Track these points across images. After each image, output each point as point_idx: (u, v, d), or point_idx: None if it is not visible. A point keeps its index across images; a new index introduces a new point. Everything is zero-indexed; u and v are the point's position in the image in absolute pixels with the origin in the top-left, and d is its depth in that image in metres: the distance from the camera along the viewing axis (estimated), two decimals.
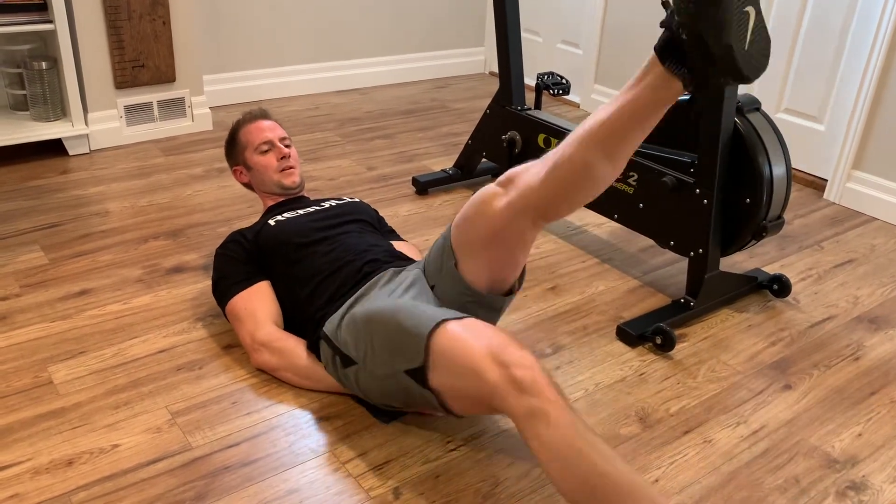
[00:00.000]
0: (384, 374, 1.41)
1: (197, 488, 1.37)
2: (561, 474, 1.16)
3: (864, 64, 2.61)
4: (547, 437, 1.16)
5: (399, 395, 1.42)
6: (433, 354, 1.30)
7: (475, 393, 1.26)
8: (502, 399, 1.20)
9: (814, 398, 1.70)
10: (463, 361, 1.25)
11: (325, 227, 1.77)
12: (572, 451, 1.15)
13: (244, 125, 1.98)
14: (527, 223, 1.37)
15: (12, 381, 1.62)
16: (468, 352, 1.25)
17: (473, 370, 1.23)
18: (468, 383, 1.26)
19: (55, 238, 2.22)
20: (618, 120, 1.26)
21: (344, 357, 1.48)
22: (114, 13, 2.71)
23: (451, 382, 1.30)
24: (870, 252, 2.41)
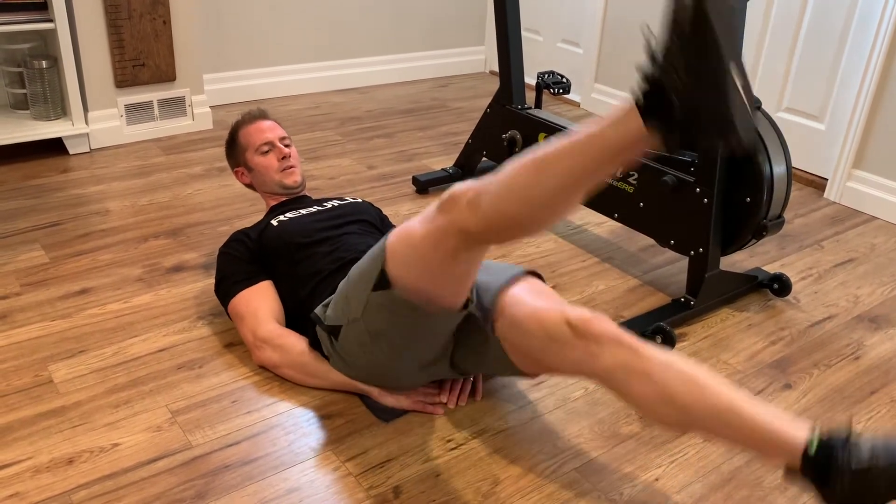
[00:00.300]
0: (359, 310, 1.40)
1: (197, 487, 1.37)
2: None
3: (865, 63, 2.61)
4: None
5: (380, 328, 1.39)
6: (389, 257, 1.32)
7: (431, 259, 1.26)
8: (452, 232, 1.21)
9: (814, 397, 1.70)
10: (413, 241, 1.26)
11: (327, 227, 1.78)
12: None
13: (244, 126, 1.98)
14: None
15: (12, 379, 1.62)
16: (414, 230, 1.27)
17: (423, 239, 1.25)
18: (422, 253, 1.26)
19: (55, 237, 2.22)
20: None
21: (332, 329, 1.49)
22: (114, 12, 2.71)
23: (409, 267, 1.30)
24: (870, 251, 2.41)
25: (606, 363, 1.29)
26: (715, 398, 1.21)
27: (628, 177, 2.08)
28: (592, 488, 1.41)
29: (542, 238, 2.37)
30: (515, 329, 1.41)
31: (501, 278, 1.50)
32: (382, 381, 1.54)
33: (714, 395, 1.21)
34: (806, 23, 2.79)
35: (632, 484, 1.43)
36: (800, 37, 2.82)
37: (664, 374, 1.25)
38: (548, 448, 1.51)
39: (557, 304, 1.40)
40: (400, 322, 1.38)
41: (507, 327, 1.42)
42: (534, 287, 1.50)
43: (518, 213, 1.16)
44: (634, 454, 1.50)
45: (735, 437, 1.21)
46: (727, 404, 1.20)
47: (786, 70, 2.89)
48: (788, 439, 1.16)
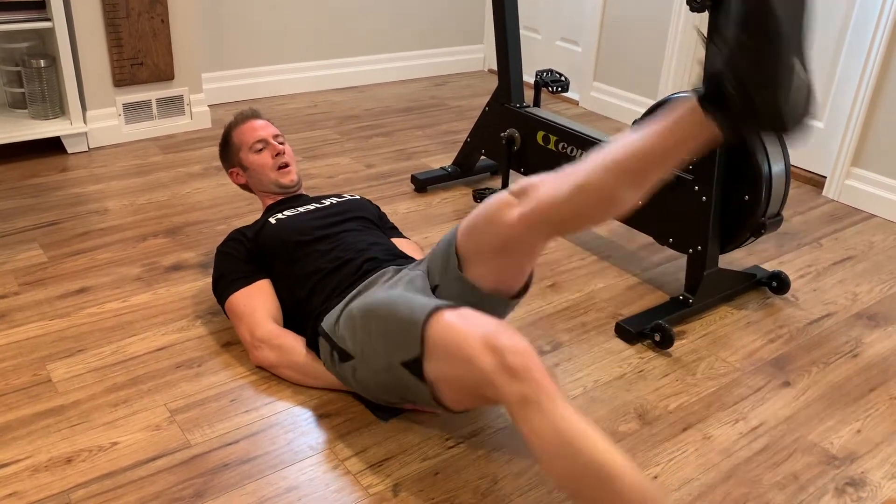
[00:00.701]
0: (381, 367, 1.41)
1: (196, 486, 1.37)
2: (552, 462, 1.16)
3: (863, 61, 2.61)
4: (538, 424, 1.16)
5: (396, 388, 1.42)
6: (429, 343, 1.30)
7: (469, 381, 1.26)
8: (495, 386, 1.20)
9: (812, 395, 1.71)
10: (458, 349, 1.25)
11: (325, 224, 1.77)
12: (563, 439, 1.14)
13: (236, 126, 1.97)
14: (540, 236, 1.37)
15: (11, 379, 1.62)
16: (463, 339, 1.25)
17: (468, 357, 1.23)
18: (463, 372, 1.26)
19: (54, 236, 2.22)
20: (647, 156, 1.26)
21: (341, 352, 1.48)
22: (112, 11, 2.71)
23: (445, 372, 1.30)
24: (868, 249, 2.41)
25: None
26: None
27: None
28: None
29: None
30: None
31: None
32: (384, 398, 1.53)
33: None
34: None
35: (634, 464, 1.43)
36: None
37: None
38: None
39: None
40: (412, 394, 1.41)
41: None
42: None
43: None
44: (633, 452, 1.50)
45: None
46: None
47: None
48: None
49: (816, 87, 1.28)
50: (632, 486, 1.13)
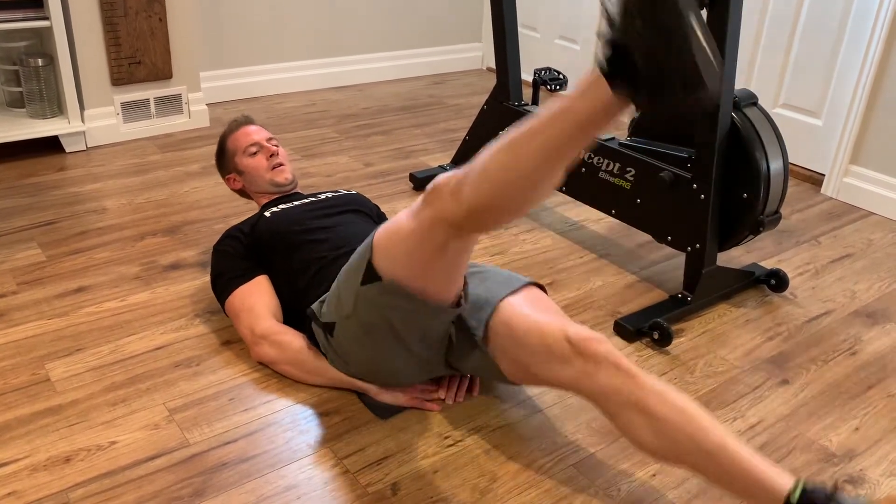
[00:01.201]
0: (350, 306, 1.40)
1: (195, 485, 1.37)
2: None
3: (862, 59, 2.61)
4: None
5: (372, 322, 1.39)
6: (375, 249, 1.33)
7: (423, 250, 1.27)
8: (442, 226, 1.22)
9: (811, 393, 1.71)
10: (399, 233, 1.29)
11: (321, 216, 1.78)
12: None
13: (230, 134, 2.00)
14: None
15: (9, 378, 1.62)
16: (402, 224, 1.29)
17: (410, 233, 1.26)
18: (410, 245, 1.28)
19: (52, 235, 2.21)
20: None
21: (327, 326, 1.49)
22: (110, 10, 2.70)
23: (397, 257, 1.31)
24: (867, 247, 2.41)
25: (601, 385, 1.29)
26: (705, 436, 1.22)
27: (625, 173, 2.08)
28: (590, 484, 1.41)
29: (539, 235, 2.37)
30: (512, 339, 1.41)
31: (503, 288, 1.50)
32: (378, 377, 1.54)
33: (705, 433, 1.22)
34: (803, 19, 2.79)
35: (629, 480, 1.43)
36: (796, 33, 2.82)
37: (657, 405, 1.25)
38: (545, 444, 1.51)
39: (558, 318, 1.40)
40: (391, 315, 1.38)
41: (504, 337, 1.42)
42: (534, 297, 1.50)
43: (499, 197, 1.16)
44: (632, 451, 1.50)
45: (719, 477, 1.22)
46: (717, 444, 1.21)
47: (782, 66, 2.89)
48: (773, 485, 1.17)
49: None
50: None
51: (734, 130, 1.86)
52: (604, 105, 1.06)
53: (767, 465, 1.19)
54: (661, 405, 1.25)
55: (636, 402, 1.26)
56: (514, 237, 2.34)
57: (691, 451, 1.23)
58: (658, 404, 1.25)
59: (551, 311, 1.46)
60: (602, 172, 2.15)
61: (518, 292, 1.50)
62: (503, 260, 2.21)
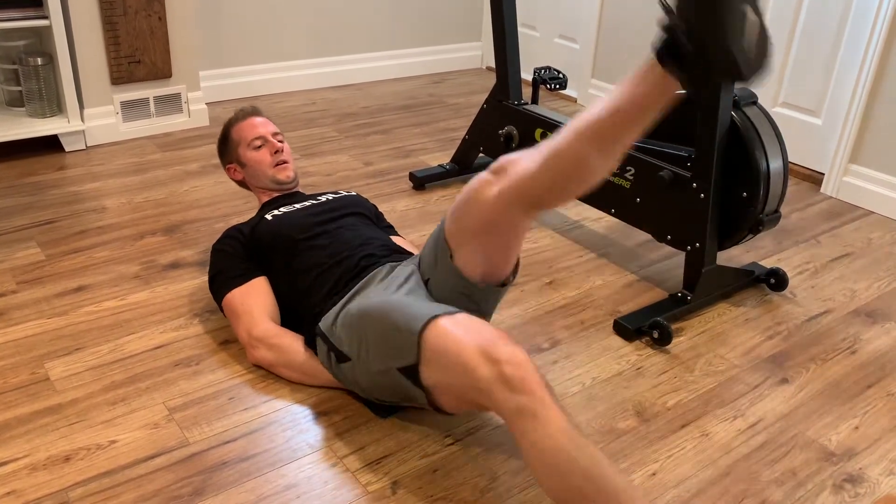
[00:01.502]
0: (378, 370, 1.41)
1: (194, 484, 1.37)
2: (546, 473, 1.16)
3: (861, 58, 2.61)
4: (534, 436, 1.16)
5: (393, 390, 1.43)
6: (425, 351, 1.31)
7: (466, 390, 1.26)
8: (492, 396, 1.20)
9: (811, 391, 1.71)
10: (454, 358, 1.26)
11: (322, 220, 1.77)
12: (559, 451, 1.15)
13: (236, 123, 1.98)
14: (519, 212, 1.36)
15: (9, 377, 1.62)
16: (459, 348, 1.25)
17: (464, 366, 1.23)
18: (459, 380, 1.26)
19: (52, 234, 2.21)
20: (615, 117, 1.25)
21: (339, 353, 1.48)
22: (109, 9, 2.70)
23: (442, 379, 1.31)
24: (866, 246, 2.41)
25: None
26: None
27: (625, 172, 2.08)
28: None
29: (538, 234, 2.37)
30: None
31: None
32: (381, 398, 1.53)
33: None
34: (802, 18, 2.79)
35: (629, 478, 1.43)
36: (796, 32, 2.82)
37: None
38: None
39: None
40: (408, 396, 1.42)
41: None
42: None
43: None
44: (632, 449, 1.50)
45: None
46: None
47: (782, 65, 2.89)
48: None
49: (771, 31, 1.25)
50: (624, 501, 1.13)
51: (734, 129, 1.86)
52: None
53: None
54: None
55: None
56: None
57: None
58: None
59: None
60: None
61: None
62: None
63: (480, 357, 1.22)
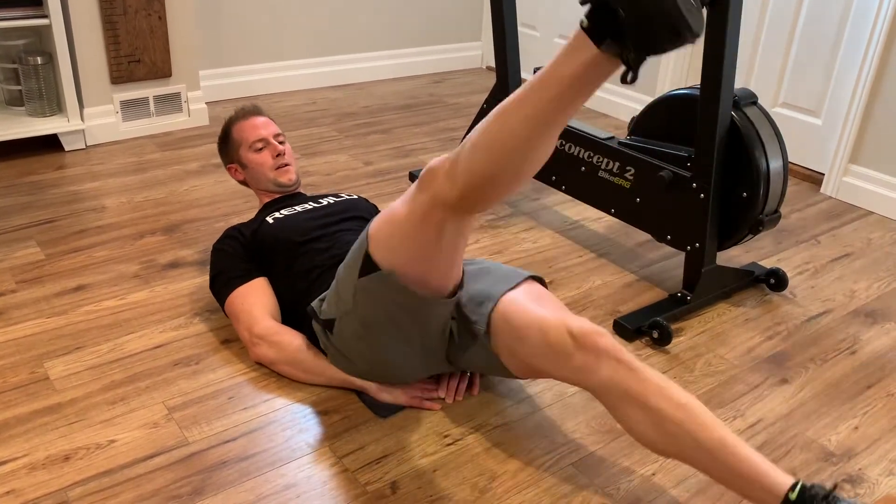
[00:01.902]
0: (350, 301, 1.40)
1: (194, 483, 1.37)
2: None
3: (861, 58, 2.61)
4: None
5: (372, 316, 1.40)
6: (371, 240, 1.33)
7: (416, 238, 1.27)
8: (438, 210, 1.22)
9: (810, 392, 1.71)
10: (396, 222, 1.28)
11: (322, 224, 1.77)
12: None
13: (237, 122, 1.97)
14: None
15: (8, 376, 1.62)
16: (398, 215, 1.28)
17: (407, 220, 1.26)
18: (407, 230, 1.27)
19: (51, 234, 2.21)
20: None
21: (327, 322, 1.49)
22: (109, 8, 2.70)
23: (393, 246, 1.30)
24: (866, 246, 2.41)
25: (602, 378, 1.30)
26: (705, 433, 1.22)
27: (625, 172, 2.08)
28: (589, 483, 1.41)
29: (538, 234, 2.37)
30: (513, 334, 1.41)
31: (503, 283, 1.50)
32: (379, 374, 1.54)
33: (705, 430, 1.22)
34: (802, 18, 2.79)
35: (629, 479, 1.43)
36: (796, 32, 2.82)
37: (658, 399, 1.25)
38: (545, 443, 1.51)
39: (559, 312, 1.40)
40: (390, 306, 1.38)
41: (505, 332, 1.42)
42: (534, 292, 1.49)
43: (492, 167, 1.15)
44: (631, 449, 1.50)
45: (719, 474, 1.22)
46: (717, 440, 1.21)
47: (782, 65, 2.89)
48: (772, 483, 1.17)
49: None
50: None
51: (734, 130, 1.86)
52: (590, 63, 1.04)
53: (767, 464, 1.19)
54: (662, 400, 1.25)
55: (636, 396, 1.26)
56: (513, 236, 2.34)
57: (691, 446, 1.23)
58: (658, 399, 1.25)
59: (552, 304, 1.46)
60: (602, 171, 2.15)
61: (519, 287, 1.50)
62: (503, 259, 2.20)
63: (428, 212, 1.24)
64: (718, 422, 1.24)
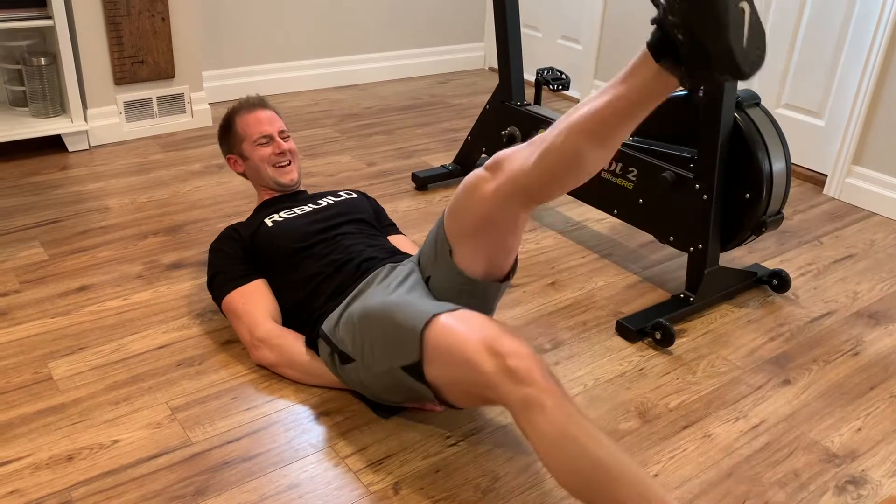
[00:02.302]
0: (381, 370, 1.41)
1: (197, 483, 1.37)
2: (557, 463, 1.17)
3: (865, 59, 2.61)
4: (542, 426, 1.17)
5: (397, 390, 1.43)
6: (427, 349, 1.31)
7: (471, 384, 1.26)
8: (497, 389, 1.21)
9: (813, 393, 1.71)
10: (458, 354, 1.26)
11: (322, 229, 1.75)
12: (568, 440, 1.15)
13: (241, 113, 1.93)
14: (516, 207, 1.36)
15: (12, 377, 1.62)
16: (462, 343, 1.26)
17: (468, 361, 1.24)
18: (464, 375, 1.26)
19: (55, 234, 2.22)
20: (610, 112, 1.24)
21: (342, 354, 1.48)
22: (113, 9, 2.70)
23: (446, 375, 1.31)
24: (869, 247, 2.41)
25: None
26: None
27: (628, 173, 2.08)
28: None
29: (540, 234, 2.37)
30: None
31: None
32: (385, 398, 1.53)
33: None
34: (805, 19, 2.79)
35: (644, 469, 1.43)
36: (799, 33, 2.82)
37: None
38: None
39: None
40: (414, 394, 1.42)
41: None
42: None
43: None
44: (633, 450, 1.50)
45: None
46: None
47: (785, 66, 2.89)
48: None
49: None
50: (635, 485, 1.13)
51: (737, 131, 1.86)
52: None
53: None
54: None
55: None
56: None
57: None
58: None
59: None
60: (604, 172, 2.15)
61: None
62: None
63: (484, 351, 1.22)
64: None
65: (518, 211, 1.37)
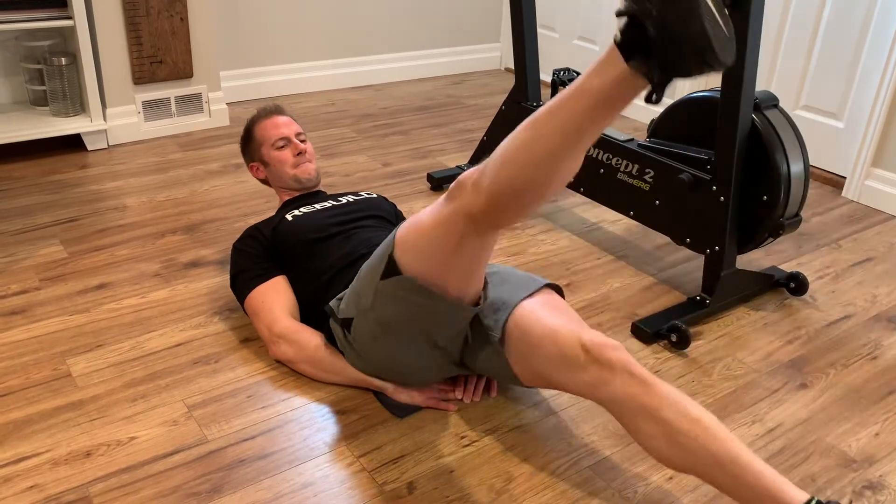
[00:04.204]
0: (369, 301, 1.41)
1: (212, 481, 1.38)
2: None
3: (885, 60, 2.59)
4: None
5: (390, 318, 1.40)
6: (397, 244, 1.34)
7: (443, 242, 1.27)
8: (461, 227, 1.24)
9: (830, 397, 1.69)
10: (425, 225, 1.29)
11: (341, 222, 1.78)
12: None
13: (259, 121, 1.99)
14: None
15: (32, 373, 1.64)
16: (426, 217, 1.30)
17: (435, 223, 1.27)
18: (433, 240, 1.28)
19: (74, 232, 2.24)
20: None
21: (345, 322, 1.49)
22: (132, 9, 2.73)
23: (418, 250, 1.31)
24: (888, 250, 2.38)
25: (615, 392, 1.29)
26: (720, 446, 1.21)
27: (644, 174, 2.07)
28: (606, 486, 1.41)
29: (556, 236, 2.36)
30: (527, 343, 1.41)
31: (520, 290, 1.50)
32: (394, 374, 1.55)
33: (719, 444, 1.21)
34: (824, 20, 2.77)
35: (645, 482, 1.42)
36: (818, 34, 2.80)
37: (672, 413, 1.24)
38: (562, 445, 1.51)
39: (574, 323, 1.40)
40: (409, 310, 1.38)
41: (519, 341, 1.42)
42: (550, 301, 1.49)
43: (518, 179, 1.15)
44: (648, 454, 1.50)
45: (732, 488, 1.21)
46: (731, 455, 1.20)
47: (804, 68, 2.87)
48: (786, 499, 1.16)
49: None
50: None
51: (755, 132, 1.85)
52: (619, 80, 1.05)
53: (781, 479, 1.18)
54: (676, 414, 1.24)
55: (650, 411, 1.26)
56: (531, 238, 2.34)
57: (705, 461, 1.22)
58: (672, 413, 1.24)
59: (567, 315, 1.46)
60: (621, 174, 2.14)
61: (535, 295, 1.50)
62: (521, 260, 2.20)
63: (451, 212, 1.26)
64: (732, 436, 1.23)
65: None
